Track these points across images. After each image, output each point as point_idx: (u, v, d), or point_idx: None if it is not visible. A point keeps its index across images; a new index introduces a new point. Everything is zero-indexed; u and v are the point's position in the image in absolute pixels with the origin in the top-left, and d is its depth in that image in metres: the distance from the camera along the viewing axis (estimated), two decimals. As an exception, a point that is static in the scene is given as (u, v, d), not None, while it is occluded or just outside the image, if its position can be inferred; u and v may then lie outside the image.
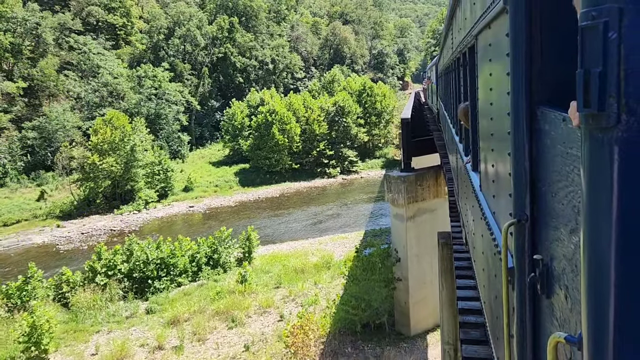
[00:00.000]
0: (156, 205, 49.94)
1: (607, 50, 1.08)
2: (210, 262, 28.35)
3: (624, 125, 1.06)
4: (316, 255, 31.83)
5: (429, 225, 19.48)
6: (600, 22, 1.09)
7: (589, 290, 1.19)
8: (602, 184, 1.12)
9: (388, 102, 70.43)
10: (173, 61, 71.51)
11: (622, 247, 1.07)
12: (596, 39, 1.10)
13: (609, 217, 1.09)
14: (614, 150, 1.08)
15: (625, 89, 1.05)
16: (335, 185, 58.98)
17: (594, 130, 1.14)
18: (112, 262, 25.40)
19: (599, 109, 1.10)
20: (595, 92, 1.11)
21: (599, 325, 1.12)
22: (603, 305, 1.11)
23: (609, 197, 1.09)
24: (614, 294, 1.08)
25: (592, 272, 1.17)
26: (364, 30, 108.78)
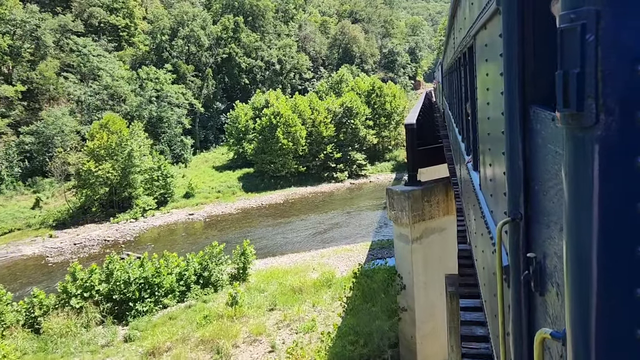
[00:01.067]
0: (154, 213, 47.77)
1: (584, 51, 1.12)
2: (200, 280, 25.93)
3: (603, 125, 1.09)
4: (317, 271, 29.30)
5: (439, 248, 16.85)
6: (578, 25, 1.13)
7: (572, 286, 1.22)
8: (582, 182, 1.16)
9: (398, 103, 67.64)
10: (176, 62, 69.43)
11: (603, 244, 1.11)
12: (574, 40, 1.14)
13: (590, 215, 1.12)
14: (593, 149, 1.12)
15: (603, 89, 1.09)
16: (342, 190, 56.36)
17: (573, 129, 1.19)
18: (88, 283, 23.10)
19: (578, 109, 1.14)
20: (574, 92, 1.15)
21: (582, 320, 1.15)
22: (586, 301, 1.13)
23: (589, 195, 1.12)
24: (596, 290, 1.11)
25: (574, 268, 1.20)
26: (374, 28, 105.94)
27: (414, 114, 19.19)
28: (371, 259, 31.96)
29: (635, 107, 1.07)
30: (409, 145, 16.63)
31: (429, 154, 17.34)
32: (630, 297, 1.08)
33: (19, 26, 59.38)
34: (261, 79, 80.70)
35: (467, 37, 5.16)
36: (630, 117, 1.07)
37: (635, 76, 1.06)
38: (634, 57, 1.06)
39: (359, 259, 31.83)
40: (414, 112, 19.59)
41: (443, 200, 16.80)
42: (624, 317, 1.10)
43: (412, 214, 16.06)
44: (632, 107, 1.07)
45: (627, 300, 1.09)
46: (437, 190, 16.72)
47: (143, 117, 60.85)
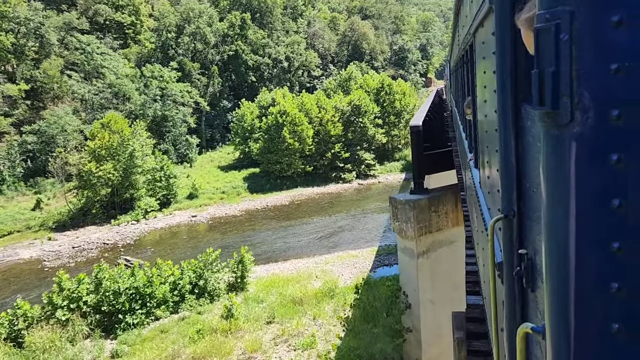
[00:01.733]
0: (156, 215, 46.56)
1: (559, 51, 1.14)
2: (196, 289, 24.54)
3: (578, 123, 1.12)
4: (320, 279, 27.79)
5: (448, 262, 15.24)
6: (552, 24, 1.15)
7: (550, 281, 1.23)
8: (558, 179, 1.18)
9: (408, 101, 65.81)
10: (181, 60, 68.19)
11: (580, 240, 1.12)
12: (549, 40, 1.17)
13: (567, 211, 1.14)
14: (569, 146, 1.14)
15: (578, 88, 1.11)
16: (350, 191, 54.75)
17: (549, 127, 1.21)
18: (76, 293, 21.80)
19: (553, 107, 1.17)
20: (549, 91, 1.18)
21: (560, 314, 1.17)
22: (563, 296, 1.16)
23: (566, 192, 1.14)
24: (574, 285, 1.13)
25: (552, 264, 1.22)
26: (385, 25, 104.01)
27: (420, 114, 17.55)
28: (377, 266, 30.46)
29: (609, 105, 1.07)
30: (415, 149, 15.02)
31: (437, 159, 15.70)
32: (607, 292, 1.09)
33: (22, 24, 58.46)
34: (269, 76, 79.26)
35: (468, 35, 5.21)
36: (605, 115, 1.08)
37: (609, 75, 1.07)
38: (608, 56, 1.07)
39: (364, 265, 30.31)
40: (421, 112, 17.95)
41: (452, 210, 15.19)
42: (601, 312, 1.10)
43: (418, 226, 14.47)
44: (607, 105, 1.08)
45: (604, 295, 1.09)
46: (446, 199, 15.11)
47: (147, 116, 59.74)
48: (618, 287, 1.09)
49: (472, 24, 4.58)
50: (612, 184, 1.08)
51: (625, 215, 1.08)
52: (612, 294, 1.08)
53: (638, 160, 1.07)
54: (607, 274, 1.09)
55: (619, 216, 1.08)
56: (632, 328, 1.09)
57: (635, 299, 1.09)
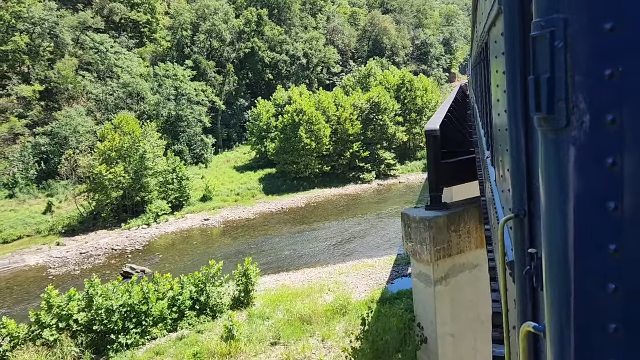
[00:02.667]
0: (168, 219, 45.10)
1: (554, 57, 1.19)
2: (196, 305, 22.73)
3: (573, 127, 1.15)
4: (333, 292, 25.74)
5: (470, 289, 13.03)
6: (547, 32, 1.19)
7: (549, 281, 1.27)
8: (555, 181, 1.21)
9: (430, 97, 63.10)
10: (197, 58, 66.73)
11: (578, 241, 1.15)
12: (544, 47, 1.21)
13: (564, 215, 1.17)
14: (564, 150, 1.17)
15: (573, 93, 1.15)
16: (369, 192, 52.47)
17: (546, 131, 1.24)
18: (65, 311, 20.19)
19: (549, 112, 1.21)
20: (544, 96, 1.22)
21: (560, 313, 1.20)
22: (562, 295, 1.19)
23: (563, 196, 1.18)
24: (573, 285, 1.16)
25: (552, 265, 1.25)
26: (406, 19, 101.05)
27: (439, 114, 15.28)
28: (395, 277, 28.27)
29: (603, 110, 1.10)
30: (431, 157, 12.80)
31: (458, 168, 13.45)
32: (604, 292, 1.11)
33: (37, 24, 57.72)
34: (286, 74, 77.34)
35: (484, 33, 5.35)
36: (600, 119, 1.10)
37: (603, 80, 1.09)
38: (602, 61, 1.09)
39: (380, 276, 28.13)
40: (440, 113, 15.67)
41: (475, 229, 12.95)
42: (599, 312, 1.12)
43: (435, 248, 12.28)
44: (601, 109, 1.10)
45: (601, 295, 1.12)
46: (468, 215, 12.87)
47: (161, 116, 58.48)
48: (615, 288, 1.10)
49: (486, 21, 4.53)
50: (607, 186, 1.09)
51: (621, 218, 1.09)
52: (610, 295, 1.10)
53: (633, 163, 1.08)
54: (604, 275, 1.10)
55: (615, 218, 1.10)
56: (629, 328, 1.10)
57: (632, 299, 1.09)
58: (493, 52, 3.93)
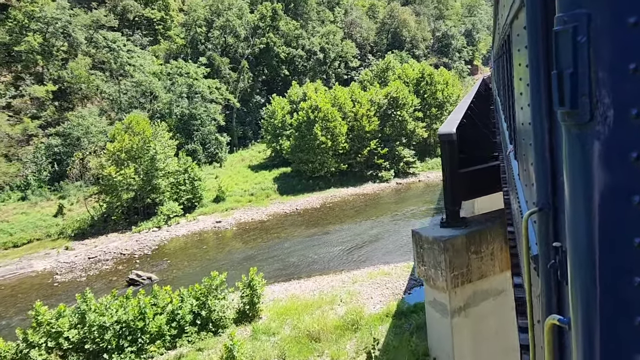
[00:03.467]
0: (179, 221, 43.84)
1: (577, 52, 1.18)
2: (198, 320, 21.20)
3: (597, 122, 1.14)
4: (345, 304, 23.97)
5: (495, 319, 11.10)
6: (570, 27, 1.19)
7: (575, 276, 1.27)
8: (579, 176, 1.20)
9: (451, 91, 60.58)
10: (210, 55, 65.37)
11: (603, 236, 1.14)
12: (567, 42, 1.20)
13: (589, 209, 1.17)
14: (588, 144, 1.16)
15: (596, 88, 1.14)
16: (387, 191, 50.42)
17: (570, 126, 1.24)
18: (55, 328, 18.85)
19: (572, 107, 1.21)
20: (568, 91, 1.22)
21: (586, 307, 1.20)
22: (588, 289, 1.19)
23: (588, 190, 1.17)
24: (598, 279, 1.15)
25: (577, 259, 1.24)
26: (426, 10, 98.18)
27: (456, 114, 13.28)
28: (413, 285, 26.31)
29: (627, 104, 1.09)
30: (447, 166, 10.86)
31: (480, 178, 11.48)
32: (630, 285, 1.10)
33: (50, 23, 57.02)
34: (303, 69, 75.53)
35: (506, 25, 5.33)
36: (624, 114, 1.09)
37: (627, 75, 1.08)
38: (626, 56, 1.08)
39: (397, 285, 26.22)
40: (457, 112, 13.65)
41: (500, 249, 10.99)
42: (625, 305, 1.12)
43: (452, 274, 10.38)
44: (625, 104, 1.09)
45: (627, 288, 1.11)
46: (492, 233, 10.91)
47: (175, 115, 57.32)
48: None
49: (508, 13, 4.46)
50: (632, 181, 1.08)
51: None
52: (636, 288, 1.09)
53: None
54: (630, 269, 1.09)
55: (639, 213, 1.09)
56: None
57: None
58: (515, 45, 3.87)
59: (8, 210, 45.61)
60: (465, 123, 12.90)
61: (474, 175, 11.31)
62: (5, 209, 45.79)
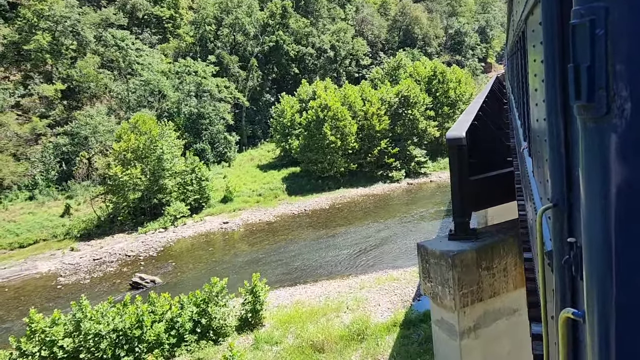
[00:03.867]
0: (186, 222, 43.24)
1: (594, 46, 1.17)
2: (197, 328, 20.45)
3: (614, 115, 1.14)
4: (351, 311, 23.09)
5: (508, 341, 10.15)
6: (587, 20, 1.19)
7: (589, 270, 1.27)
8: (596, 171, 1.20)
9: (464, 89, 59.28)
10: (220, 53, 64.72)
11: (619, 229, 1.14)
12: (584, 35, 1.20)
13: (605, 203, 1.16)
14: (605, 138, 1.16)
15: (614, 81, 1.14)
16: (398, 191, 49.39)
17: (586, 119, 1.24)
18: (49, 337, 18.21)
19: (589, 100, 1.20)
20: (584, 85, 1.21)
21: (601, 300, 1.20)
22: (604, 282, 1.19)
23: (604, 184, 1.16)
24: (614, 274, 1.15)
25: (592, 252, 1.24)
26: (439, 7, 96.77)
27: (467, 115, 12.31)
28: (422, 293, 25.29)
29: None
30: (455, 173, 9.91)
31: (492, 185, 10.52)
32: None
33: (59, 22, 56.76)
34: (313, 67, 74.65)
35: (520, 22, 5.34)
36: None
37: None
38: None
39: (406, 292, 25.28)
40: (468, 114, 12.68)
41: (514, 264, 10.03)
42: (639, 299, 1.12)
43: (461, 292, 9.45)
44: None
45: None
46: (505, 247, 9.96)
47: (184, 114, 56.79)
48: None
49: (523, 10, 4.47)
50: None
51: None
52: None
53: None
54: None
55: None
56: None
57: None
58: (530, 41, 3.86)
59: (15, 210, 45.40)
60: (476, 125, 11.93)
61: (485, 183, 10.35)
62: (13, 208, 45.60)
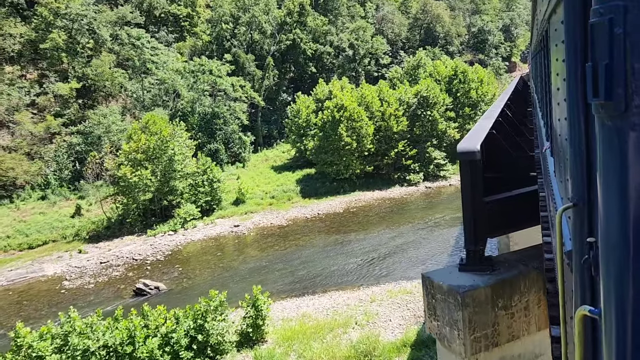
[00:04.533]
0: (196, 224, 42.21)
1: (613, 44, 1.18)
2: (194, 344, 19.20)
3: (632, 112, 1.14)
4: (360, 327, 21.62)
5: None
6: (606, 19, 1.19)
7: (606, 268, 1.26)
8: (614, 168, 1.19)
9: (486, 89, 57.11)
10: (236, 52, 63.67)
11: (637, 227, 1.13)
12: (603, 34, 1.20)
13: (623, 201, 1.16)
14: (622, 135, 1.15)
15: (632, 79, 1.14)
16: (416, 195, 47.62)
17: (604, 117, 1.24)
18: (36, 352, 17.15)
19: (606, 98, 1.20)
20: (602, 83, 1.21)
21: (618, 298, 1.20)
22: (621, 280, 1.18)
23: (622, 182, 1.16)
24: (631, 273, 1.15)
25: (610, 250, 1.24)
26: (462, 5, 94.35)
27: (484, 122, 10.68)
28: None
29: None
30: (467, 192, 8.36)
31: (512, 208, 8.93)
32: None
33: (75, 20, 56.41)
34: (331, 66, 73.19)
35: (544, 21, 5.25)
36: None
37: None
38: None
39: (419, 306, 23.59)
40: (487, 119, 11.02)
41: (537, 302, 8.45)
42: None
43: (473, 336, 7.92)
44: None
45: None
46: (527, 281, 8.38)
47: (198, 114, 55.90)
48: None
49: (547, 9, 4.43)
50: None
51: None
52: None
53: None
54: None
55: None
56: None
57: None
58: (553, 40, 3.84)
59: (27, 210, 45.01)
60: (494, 133, 10.35)
61: (504, 205, 8.75)
62: (24, 208, 45.22)
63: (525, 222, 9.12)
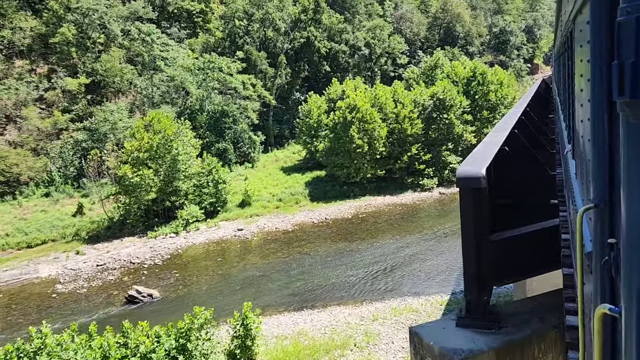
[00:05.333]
0: (199, 227, 40.78)
1: (639, 42, 1.13)
2: (176, 365, 17.62)
3: None
4: (359, 349, 19.88)
5: None
6: (633, 17, 1.19)
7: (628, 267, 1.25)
8: (637, 166, 1.17)
9: (506, 92, 54.72)
10: (248, 49, 62.18)
11: None
12: (630, 32, 1.20)
13: None
14: None
15: None
16: (429, 201, 45.59)
17: (629, 115, 1.22)
18: (1, 373, 15.75)
19: (632, 96, 1.20)
20: (628, 80, 1.21)
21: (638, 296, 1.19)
22: None
23: None
24: None
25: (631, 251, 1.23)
26: (484, 4, 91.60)
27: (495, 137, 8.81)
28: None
29: None
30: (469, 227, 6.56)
31: (526, 247, 7.10)
32: None
33: (86, 15, 55.54)
34: (346, 65, 71.29)
35: (569, 21, 5.14)
36: None
37: None
38: None
39: (426, 328, 21.73)
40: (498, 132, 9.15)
41: (556, 368, 6.62)
42: None
43: (470, 415, 6.13)
44: None
45: None
46: (543, 342, 6.56)
47: (207, 112, 54.58)
48: None
49: (572, 9, 4.36)
50: None
51: None
52: None
53: None
54: None
55: None
56: None
57: None
58: (578, 41, 3.78)
59: (28, 207, 44.11)
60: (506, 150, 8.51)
61: (516, 244, 6.97)
62: (27, 205, 44.34)
63: (542, 267, 7.26)
